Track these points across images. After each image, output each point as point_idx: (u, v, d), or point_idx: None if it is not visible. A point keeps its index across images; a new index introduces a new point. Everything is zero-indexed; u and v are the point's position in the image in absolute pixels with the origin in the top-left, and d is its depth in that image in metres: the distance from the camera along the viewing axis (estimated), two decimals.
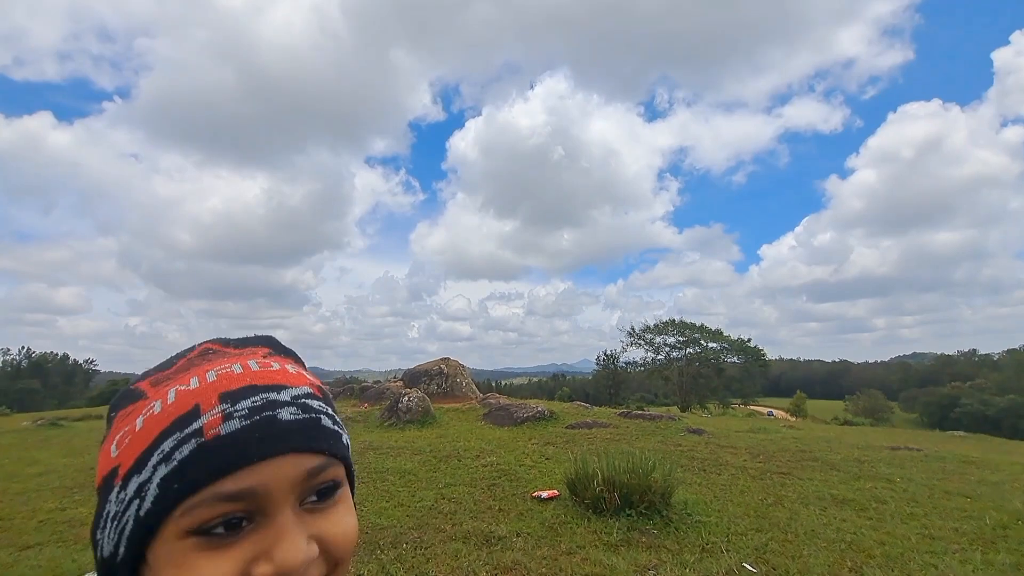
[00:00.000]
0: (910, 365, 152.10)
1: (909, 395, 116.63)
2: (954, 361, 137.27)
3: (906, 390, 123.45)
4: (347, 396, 14.35)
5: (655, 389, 74.09)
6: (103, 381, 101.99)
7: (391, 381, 13.95)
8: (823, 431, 10.82)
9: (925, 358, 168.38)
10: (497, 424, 9.39)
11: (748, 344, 50.58)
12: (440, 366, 13.19)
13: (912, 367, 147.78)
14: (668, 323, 53.16)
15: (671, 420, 9.13)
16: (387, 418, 10.18)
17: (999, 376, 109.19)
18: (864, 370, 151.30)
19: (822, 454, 7.14)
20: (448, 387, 12.91)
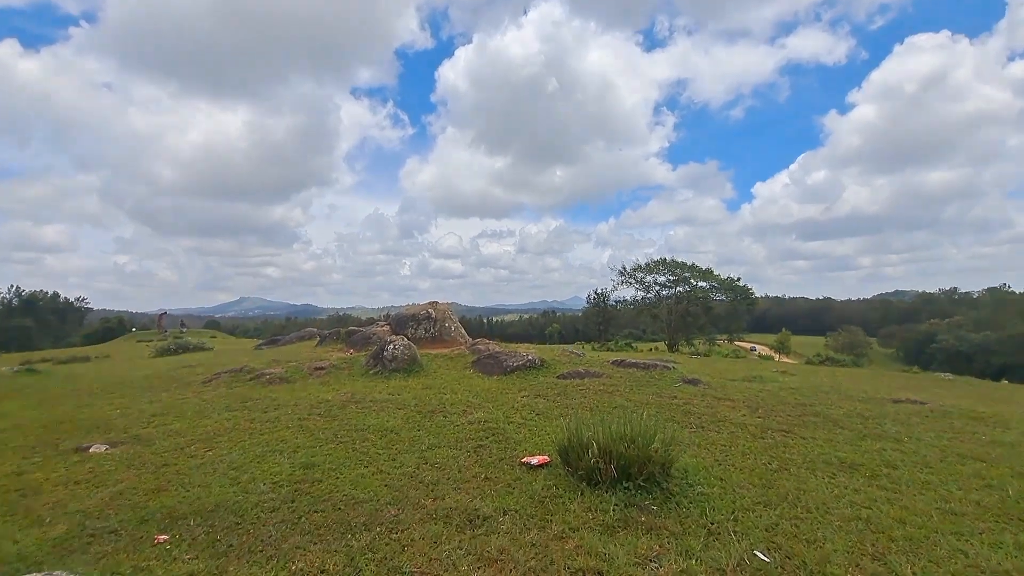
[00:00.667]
0: (891, 303, 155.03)
1: (888, 331, 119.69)
2: (934, 299, 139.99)
3: (886, 327, 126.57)
4: (333, 340, 13.91)
5: (643, 326, 74.98)
6: (96, 319, 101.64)
7: (378, 325, 13.49)
8: (820, 379, 10.59)
9: (907, 296, 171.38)
10: (486, 373, 9.00)
11: (737, 283, 50.70)
12: (428, 310, 12.69)
13: (893, 304, 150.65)
14: (659, 262, 52.95)
15: (665, 369, 8.78)
16: (372, 366, 9.77)
17: (976, 314, 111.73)
18: (846, 307, 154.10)
19: (823, 408, 6.82)
20: (436, 332, 12.47)
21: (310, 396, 7.85)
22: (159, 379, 11.21)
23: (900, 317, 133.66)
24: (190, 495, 4.31)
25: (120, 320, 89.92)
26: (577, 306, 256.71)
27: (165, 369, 12.97)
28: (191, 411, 7.35)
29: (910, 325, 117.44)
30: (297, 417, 6.61)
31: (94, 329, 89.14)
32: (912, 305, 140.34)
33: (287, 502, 4.06)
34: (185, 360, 15.98)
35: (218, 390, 9.05)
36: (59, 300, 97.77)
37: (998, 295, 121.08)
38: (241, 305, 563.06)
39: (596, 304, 62.70)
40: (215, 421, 6.69)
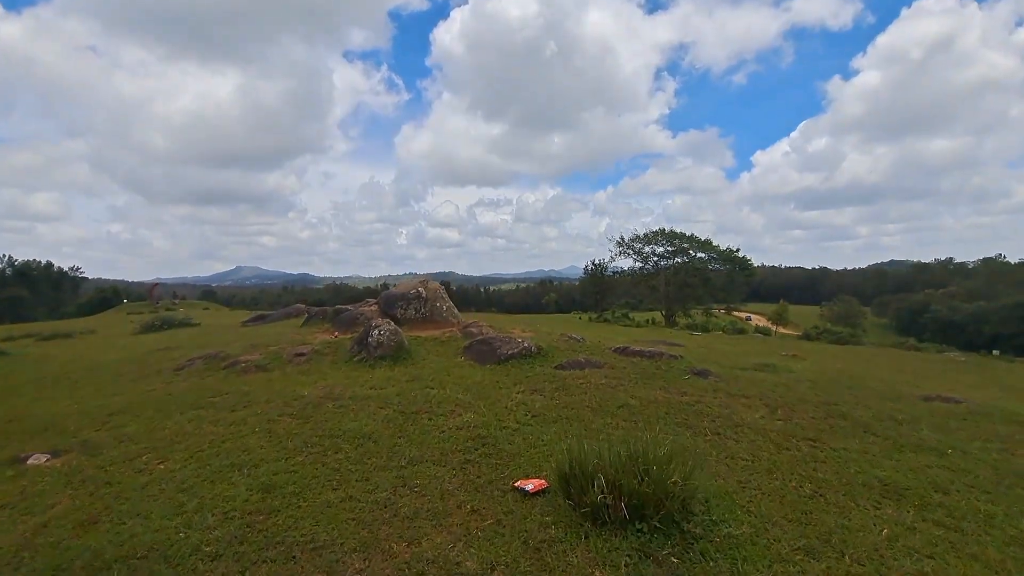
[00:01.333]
0: (886, 272, 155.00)
1: (882, 301, 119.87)
2: (930, 269, 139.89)
3: (880, 296, 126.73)
4: (319, 320, 13.17)
5: (640, 295, 74.55)
6: (91, 288, 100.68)
7: (366, 304, 12.72)
8: (834, 366, 9.92)
9: (902, 265, 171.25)
10: (478, 361, 8.29)
11: (736, 254, 49.97)
12: (418, 289, 11.91)
13: (888, 274, 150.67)
14: (658, 233, 52.09)
15: (672, 359, 8.08)
16: (356, 352, 9.05)
17: (971, 284, 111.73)
18: (842, 277, 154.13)
19: (848, 408, 6.15)
20: (427, 312, 11.72)
21: (285, 390, 7.14)
22: (132, 364, 10.50)
23: (895, 287, 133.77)
24: (123, 531, 3.62)
25: (115, 290, 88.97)
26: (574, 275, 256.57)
27: (142, 352, 12.25)
28: (153, 409, 6.65)
29: (904, 295, 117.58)
30: (266, 418, 5.91)
31: (89, 299, 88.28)
32: (907, 275, 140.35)
33: (234, 543, 3.37)
34: (167, 339, 15.27)
35: (189, 380, 8.34)
36: (53, 269, 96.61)
37: (993, 265, 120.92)
38: (238, 274, 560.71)
39: (594, 274, 62.01)
40: (176, 423, 5.99)
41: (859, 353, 14.14)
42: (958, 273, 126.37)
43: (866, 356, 13.35)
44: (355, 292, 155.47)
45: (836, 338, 40.47)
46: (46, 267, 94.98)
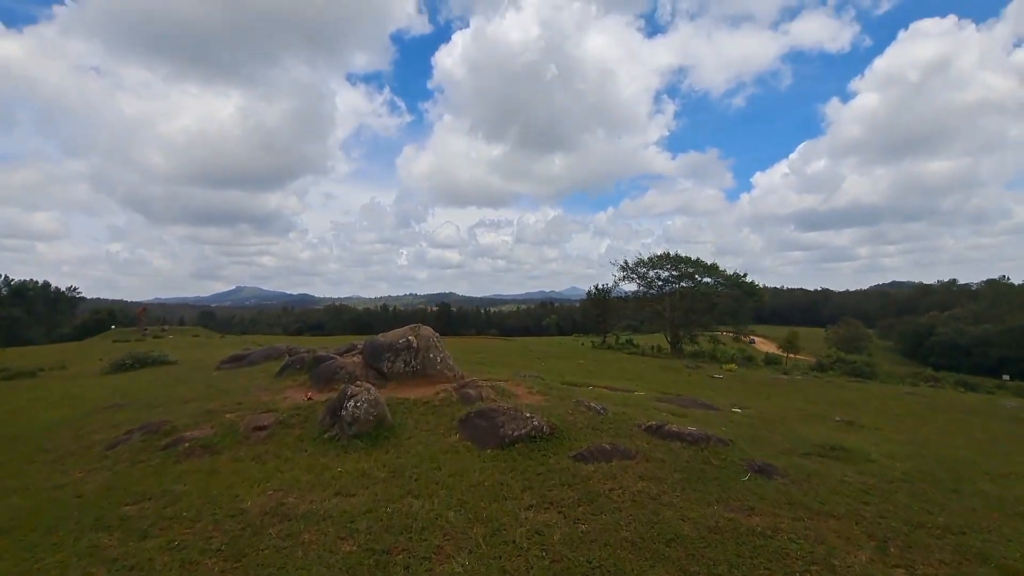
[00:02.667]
0: (889, 294, 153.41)
1: (887, 323, 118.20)
2: (933, 291, 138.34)
3: (884, 318, 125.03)
4: (296, 370, 11.49)
5: (642, 317, 72.88)
6: (88, 309, 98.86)
7: (350, 355, 11.05)
8: (916, 445, 8.11)
9: (904, 287, 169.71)
10: (477, 443, 6.62)
11: (743, 279, 48.45)
12: (408, 337, 10.27)
13: (891, 296, 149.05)
14: (663, 257, 50.66)
15: (720, 444, 6.38)
16: (328, 425, 7.37)
17: (976, 306, 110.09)
18: (844, 299, 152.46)
19: (982, 542, 4.46)
20: (418, 365, 10.06)
21: (225, 495, 5.45)
22: (66, 430, 8.81)
23: (898, 309, 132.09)
24: None
25: (110, 312, 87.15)
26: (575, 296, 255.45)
27: (88, 408, 10.57)
28: (45, 527, 4.95)
29: (909, 317, 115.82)
30: (182, 558, 4.23)
31: (83, 320, 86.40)
32: (911, 297, 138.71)
33: None
34: (127, 385, 13.60)
35: (116, 467, 6.65)
36: (50, 290, 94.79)
37: (997, 287, 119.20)
38: (238, 295, 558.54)
39: (596, 299, 60.41)
40: (59, 560, 4.30)
41: (915, 409, 12.33)
42: (963, 295, 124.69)
43: (924, 412, 11.61)
44: (354, 313, 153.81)
45: (851, 368, 38.70)
46: (43, 287, 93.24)
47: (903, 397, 14.46)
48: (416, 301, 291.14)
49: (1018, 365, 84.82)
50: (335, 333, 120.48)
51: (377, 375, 9.98)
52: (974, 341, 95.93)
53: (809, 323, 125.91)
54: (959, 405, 13.44)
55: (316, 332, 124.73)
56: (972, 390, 35.70)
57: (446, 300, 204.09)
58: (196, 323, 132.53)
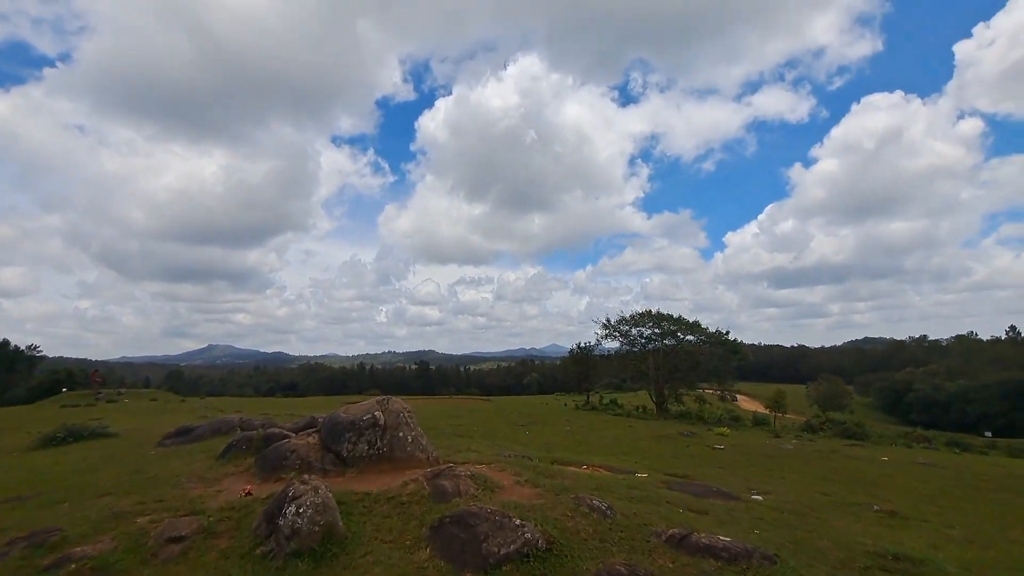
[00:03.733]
0: (864, 350, 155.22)
1: (864, 380, 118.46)
2: (906, 347, 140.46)
3: (860, 374, 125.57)
4: (242, 452, 9.75)
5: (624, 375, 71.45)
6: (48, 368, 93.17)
7: (304, 436, 9.37)
8: (977, 537, 6.77)
9: (876, 343, 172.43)
10: (453, 563, 5.08)
11: (725, 336, 47.80)
12: (374, 413, 8.74)
13: (866, 352, 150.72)
14: (645, 314, 49.93)
15: (765, 563, 4.97)
16: (263, 537, 5.75)
17: (950, 362, 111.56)
18: (821, 355, 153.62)
19: None
20: (385, 447, 8.50)
21: None
22: None
23: (873, 364, 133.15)
24: None
25: (69, 372, 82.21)
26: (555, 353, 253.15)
27: None
28: None
29: (884, 373, 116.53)
30: None
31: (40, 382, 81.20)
32: (885, 352, 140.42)
33: None
34: (49, 467, 11.57)
35: None
36: (8, 348, 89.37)
37: (967, 342, 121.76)
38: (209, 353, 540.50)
39: (579, 357, 59.00)
40: None
41: (945, 487, 11.04)
42: (934, 350, 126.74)
43: (956, 491, 10.31)
44: (330, 372, 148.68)
45: (842, 430, 37.49)
46: (2, 345, 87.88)
47: (921, 470, 13.19)
48: (395, 359, 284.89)
49: (997, 421, 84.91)
50: (308, 394, 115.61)
51: (335, 460, 8.37)
52: (952, 397, 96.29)
53: (788, 379, 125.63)
54: (987, 478, 12.19)
55: (288, 392, 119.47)
56: (965, 450, 34.66)
57: (425, 358, 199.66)
58: (163, 383, 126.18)
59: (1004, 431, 78.04)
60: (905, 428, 53.74)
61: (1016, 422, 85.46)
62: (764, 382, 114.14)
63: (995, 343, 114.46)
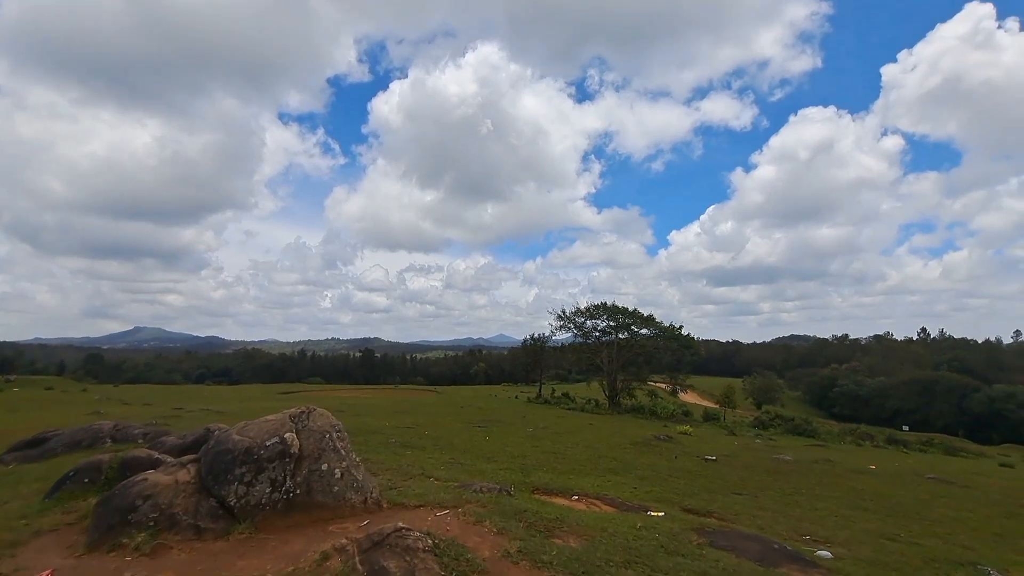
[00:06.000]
0: (791, 347, 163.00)
1: (794, 375, 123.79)
2: (829, 345, 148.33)
3: (789, 369, 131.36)
4: (79, 488, 6.40)
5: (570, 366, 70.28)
6: None
7: (171, 470, 6.11)
8: None
9: (802, 340, 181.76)
10: None
11: (679, 331, 46.89)
12: (283, 436, 5.71)
13: (793, 349, 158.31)
14: (600, 306, 48.28)
15: None
16: None
17: (870, 360, 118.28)
18: (752, 350, 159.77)
19: None
20: (300, 487, 5.52)
21: None
22: None
23: (800, 360, 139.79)
24: None
25: None
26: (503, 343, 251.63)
27: None
28: None
29: (812, 369, 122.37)
30: None
31: None
32: (810, 349, 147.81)
33: None
34: None
35: None
36: None
37: (884, 342, 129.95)
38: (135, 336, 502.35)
39: (532, 348, 56.84)
40: None
41: (990, 512, 9.26)
42: (855, 349, 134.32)
43: (1004, 520, 8.53)
44: (268, 358, 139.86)
45: (792, 426, 37.19)
46: None
47: (936, 488, 11.59)
48: (339, 346, 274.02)
49: (911, 416, 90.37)
50: (243, 381, 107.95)
51: (216, 511, 5.29)
52: (872, 393, 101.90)
53: (723, 373, 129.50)
54: (1013, 494, 10.65)
55: (221, 380, 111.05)
56: (905, 447, 35.07)
57: (371, 345, 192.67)
58: (80, 367, 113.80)
59: (917, 425, 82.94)
60: (843, 425, 55.11)
61: (928, 417, 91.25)
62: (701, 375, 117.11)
63: (909, 343, 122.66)
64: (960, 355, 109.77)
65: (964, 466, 22.02)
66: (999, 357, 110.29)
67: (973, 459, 32.48)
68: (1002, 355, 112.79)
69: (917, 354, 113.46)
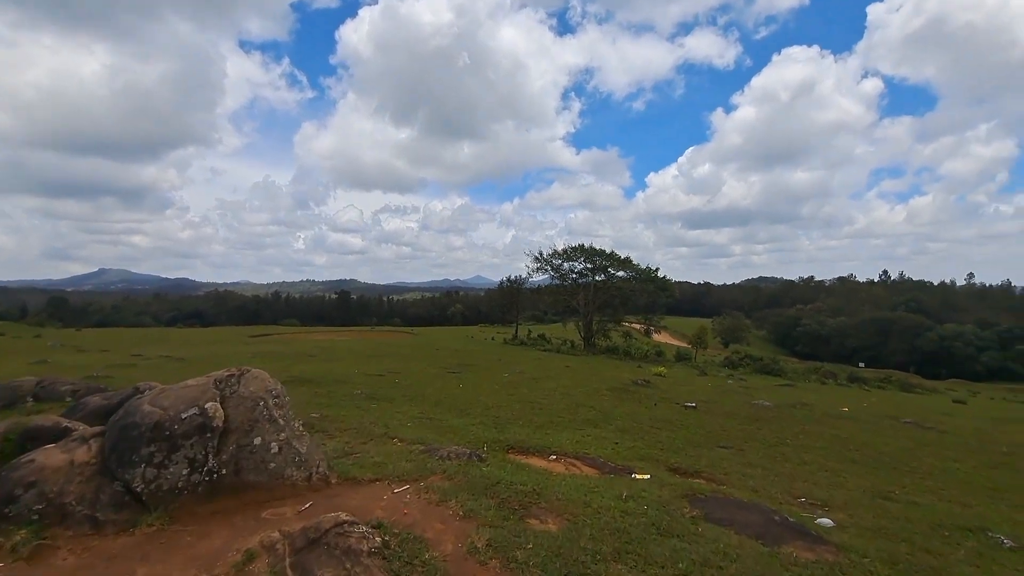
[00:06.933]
0: (759, 288, 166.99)
1: (760, 315, 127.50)
2: (795, 286, 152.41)
3: (757, 310, 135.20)
4: None
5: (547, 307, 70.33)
6: None
7: (67, 447, 5.06)
8: None
9: (770, 282, 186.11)
10: None
11: (655, 273, 46.63)
12: (204, 407, 4.69)
13: (761, 290, 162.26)
14: (577, 249, 47.47)
15: None
16: None
17: (833, 301, 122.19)
18: (723, 292, 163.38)
19: None
20: (228, 465, 4.57)
21: None
22: None
23: (768, 301, 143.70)
24: None
25: None
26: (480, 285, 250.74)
27: None
28: None
29: (778, 310, 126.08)
30: None
31: None
32: (777, 291, 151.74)
33: None
34: None
35: None
36: None
37: (848, 284, 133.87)
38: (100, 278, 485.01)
39: (509, 290, 56.24)
40: None
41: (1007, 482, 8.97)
42: (819, 290, 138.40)
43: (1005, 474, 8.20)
44: (241, 300, 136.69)
45: (761, 366, 37.95)
46: None
47: (913, 432, 11.44)
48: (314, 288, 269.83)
49: (867, 353, 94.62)
50: (217, 323, 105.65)
51: (121, 498, 4.32)
52: (832, 332, 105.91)
53: (695, 314, 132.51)
54: (997, 444, 10.52)
55: (194, 322, 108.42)
56: (865, 384, 36.30)
57: (346, 287, 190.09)
58: (43, 310, 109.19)
59: (872, 362, 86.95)
60: (807, 363, 56.94)
61: (881, 354, 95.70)
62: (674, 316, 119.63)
63: (870, 285, 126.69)
64: (917, 296, 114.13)
65: (924, 403, 22.59)
66: (952, 299, 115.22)
67: (928, 395, 33.84)
68: (955, 296, 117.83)
69: (877, 295, 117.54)
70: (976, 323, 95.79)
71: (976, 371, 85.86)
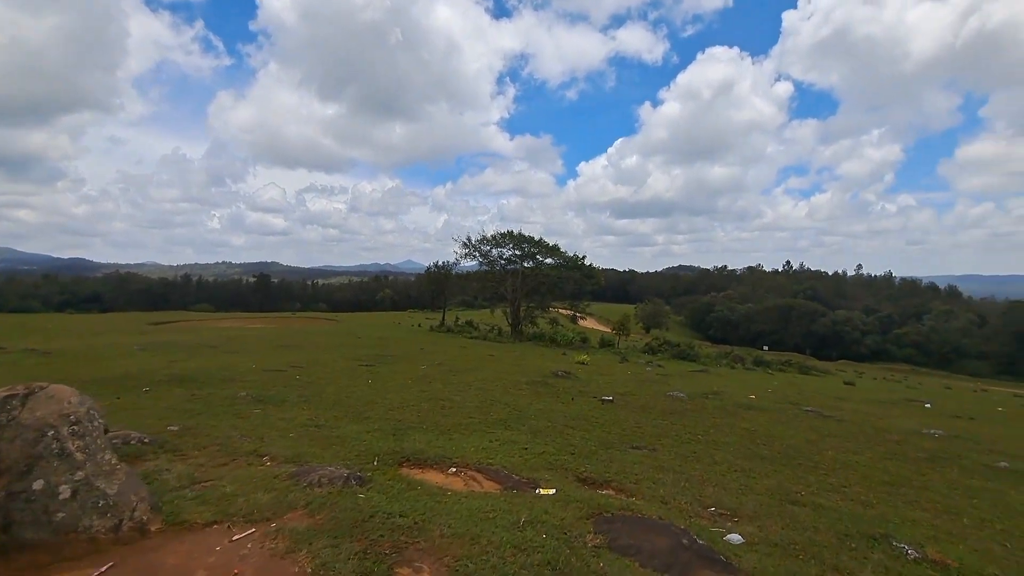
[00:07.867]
0: (679, 276, 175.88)
1: (679, 302, 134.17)
2: (710, 275, 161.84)
3: (676, 297, 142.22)
4: None
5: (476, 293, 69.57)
6: None
7: None
8: None
9: (689, 270, 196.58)
10: None
11: (582, 261, 47.13)
12: None
13: (680, 278, 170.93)
14: (506, 235, 46.94)
15: None
16: None
17: (742, 289, 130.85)
18: (646, 279, 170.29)
19: None
20: None
21: None
22: None
23: (686, 289, 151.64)
24: None
25: None
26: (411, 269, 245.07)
27: None
28: None
29: (695, 297, 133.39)
30: None
31: None
32: (695, 279, 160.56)
33: None
34: None
35: None
36: None
37: (756, 273, 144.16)
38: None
39: (436, 276, 54.83)
40: None
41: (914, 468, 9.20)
42: (731, 279, 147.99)
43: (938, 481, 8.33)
44: (146, 283, 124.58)
45: (678, 352, 39.42)
46: None
47: (816, 423, 11.80)
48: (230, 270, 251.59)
49: (770, 337, 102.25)
50: (117, 308, 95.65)
51: None
52: (741, 317, 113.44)
53: (620, 300, 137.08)
54: (887, 432, 11.01)
55: (91, 307, 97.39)
56: (769, 368, 38.71)
57: (267, 270, 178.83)
58: None
59: (774, 345, 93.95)
60: (719, 347, 60.21)
61: (783, 338, 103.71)
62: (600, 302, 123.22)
63: (775, 274, 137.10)
64: (814, 285, 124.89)
65: (820, 387, 24.14)
66: (843, 287, 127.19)
67: (823, 377, 36.65)
68: (845, 286, 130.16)
69: (780, 284, 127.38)
70: (863, 310, 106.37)
71: (861, 353, 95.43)
